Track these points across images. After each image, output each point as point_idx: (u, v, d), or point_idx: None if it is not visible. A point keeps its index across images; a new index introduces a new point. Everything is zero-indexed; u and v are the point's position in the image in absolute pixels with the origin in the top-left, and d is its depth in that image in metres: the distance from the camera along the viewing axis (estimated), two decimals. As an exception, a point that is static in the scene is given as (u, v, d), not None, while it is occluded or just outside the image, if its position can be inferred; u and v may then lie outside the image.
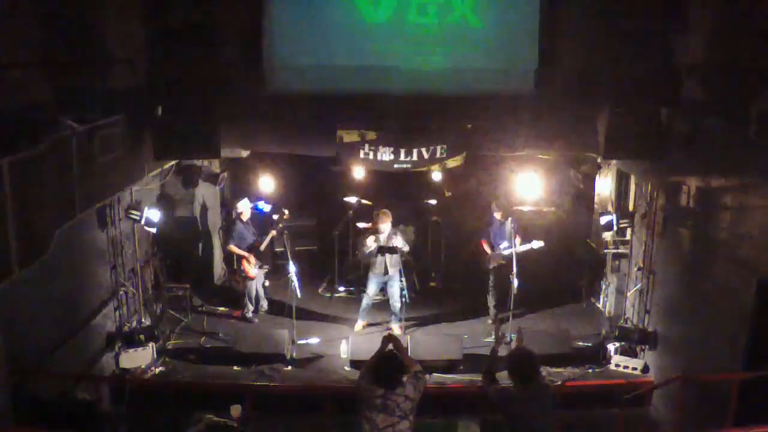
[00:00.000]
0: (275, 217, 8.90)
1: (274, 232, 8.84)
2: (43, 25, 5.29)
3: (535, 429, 4.48)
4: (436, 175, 10.04)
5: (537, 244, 8.49)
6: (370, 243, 8.30)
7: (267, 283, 9.47)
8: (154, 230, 8.06)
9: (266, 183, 9.56)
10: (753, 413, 5.19)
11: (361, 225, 10.18)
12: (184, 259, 9.53)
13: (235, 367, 7.75)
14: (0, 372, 4.61)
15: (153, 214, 7.71)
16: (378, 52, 7.55)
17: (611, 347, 7.94)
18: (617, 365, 7.81)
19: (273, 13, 7.40)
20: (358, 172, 8.85)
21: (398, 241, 8.39)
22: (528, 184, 8.94)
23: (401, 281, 8.71)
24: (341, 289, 10.21)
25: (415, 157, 7.81)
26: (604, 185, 9.86)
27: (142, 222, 7.64)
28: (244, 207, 8.92)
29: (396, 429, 4.32)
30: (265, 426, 6.72)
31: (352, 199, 10.09)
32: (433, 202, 10.56)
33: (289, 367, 7.83)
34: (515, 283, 8.28)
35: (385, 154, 7.79)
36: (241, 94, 7.35)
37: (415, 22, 7.47)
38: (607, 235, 8.70)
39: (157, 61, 6.55)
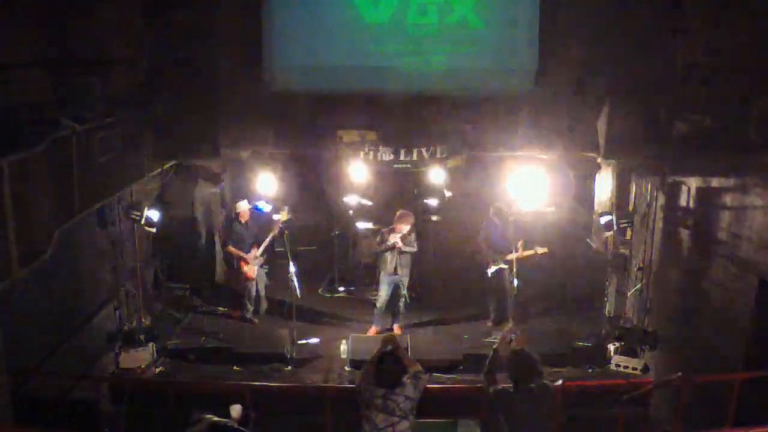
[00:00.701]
0: (275, 217, 8.88)
1: (275, 232, 8.82)
2: (43, 25, 5.29)
3: (534, 429, 4.48)
4: (436, 175, 10.05)
5: (541, 249, 8.48)
6: (392, 240, 8.25)
7: (267, 283, 9.47)
8: (154, 230, 8.05)
9: (266, 183, 9.56)
10: (753, 413, 5.19)
11: (361, 225, 10.18)
12: (184, 259, 9.52)
13: (235, 367, 7.75)
14: (0, 372, 4.62)
15: (153, 214, 7.70)
16: (378, 52, 7.56)
17: (611, 347, 7.94)
18: (617, 365, 7.80)
19: (273, 13, 7.40)
20: (358, 172, 8.84)
21: (411, 240, 8.37)
22: (528, 184, 8.93)
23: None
24: (341, 289, 10.21)
25: (415, 157, 7.82)
26: (604, 185, 9.86)
27: (142, 222, 7.64)
28: (242, 208, 8.89)
29: (396, 429, 4.33)
30: (265, 426, 6.71)
31: (352, 199, 10.09)
32: (433, 202, 10.56)
33: (289, 367, 7.83)
34: (515, 283, 8.29)
35: (385, 154, 7.80)
36: (241, 94, 7.35)
37: (415, 22, 7.48)
38: (607, 235, 8.70)
39: (157, 61, 6.55)
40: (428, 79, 7.58)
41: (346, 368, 7.82)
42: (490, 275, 8.84)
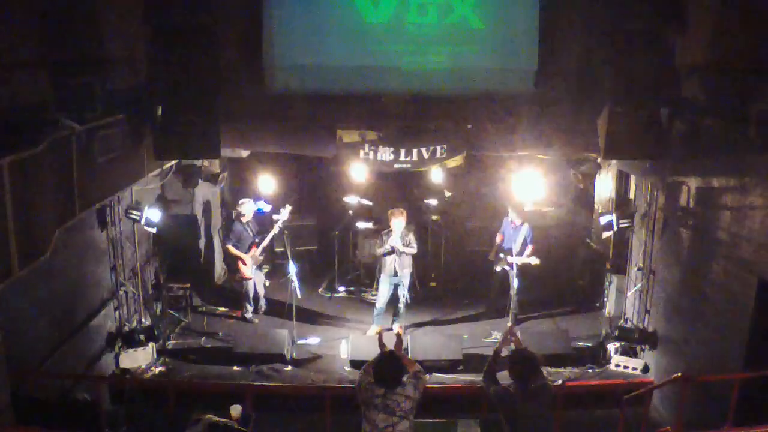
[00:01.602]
0: (275, 217, 8.89)
1: (276, 230, 8.82)
2: (43, 25, 5.28)
3: (535, 429, 4.48)
4: (436, 175, 10.04)
5: (535, 261, 8.50)
6: (392, 242, 8.23)
7: (267, 283, 9.47)
8: (154, 230, 8.05)
9: (266, 183, 9.56)
10: (753, 413, 5.20)
11: (361, 225, 10.19)
12: (184, 259, 9.52)
13: (235, 367, 7.75)
14: (0, 372, 4.61)
15: (153, 214, 7.70)
16: (378, 52, 7.54)
17: (611, 347, 7.95)
18: (617, 365, 7.81)
19: (273, 13, 7.39)
20: (358, 172, 8.84)
21: (411, 241, 8.36)
22: (528, 184, 8.93)
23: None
24: (341, 289, 10.22)
25: (415, 157, 7.81)
26: (604, 185, 9.86)
27: (142, 222, 7.64)
28: (246, 208, 8.89)
29: (396, 429, 4.33)
30: (265, 426, 6.71)
31: (352, 199, 10.09)
32: (433, 202, 10.56)
33: (289, 367, 7.83)
34: (515, 282, 8.30)
35: (385, 154, 7.79)
36: (241, 94, 7.35)
37: (415, 22, 7.46)
38: (607, 235, 8.72)
39: (157, 61, 6.54)
40: (428, 79, 7.56)
41: (346, 368, 7.83)
42: (496, 271, 8.90)
